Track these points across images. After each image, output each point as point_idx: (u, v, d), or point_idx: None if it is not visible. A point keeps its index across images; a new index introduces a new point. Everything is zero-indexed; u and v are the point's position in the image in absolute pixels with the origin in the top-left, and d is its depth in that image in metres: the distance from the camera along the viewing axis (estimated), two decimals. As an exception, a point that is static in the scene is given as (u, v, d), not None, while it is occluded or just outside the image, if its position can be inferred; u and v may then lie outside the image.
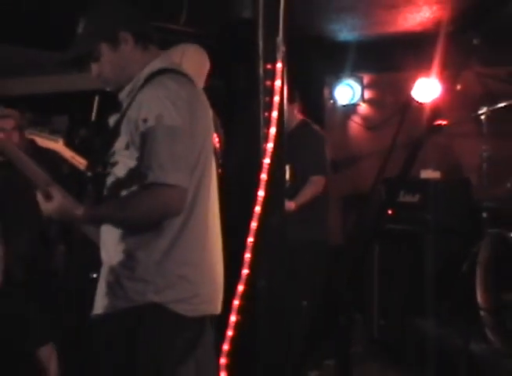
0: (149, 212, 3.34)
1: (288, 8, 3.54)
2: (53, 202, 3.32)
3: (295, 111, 6.90)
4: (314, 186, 6.81)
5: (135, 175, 3.37)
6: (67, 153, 4.72)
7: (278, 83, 3.50)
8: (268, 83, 3.52)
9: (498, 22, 2.43)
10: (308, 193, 6.76)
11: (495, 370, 5.96)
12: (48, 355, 5.84)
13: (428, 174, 7.91)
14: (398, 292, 7.72)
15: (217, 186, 3.70)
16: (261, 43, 3.52)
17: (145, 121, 3.30)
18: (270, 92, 3.51)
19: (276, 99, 3.51)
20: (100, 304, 3.51)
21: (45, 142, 4.85)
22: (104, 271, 3.55)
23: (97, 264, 3.66)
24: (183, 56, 4.96)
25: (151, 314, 3.39)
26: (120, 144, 3.44)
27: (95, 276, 3.71)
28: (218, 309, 3.57)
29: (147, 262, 3.40)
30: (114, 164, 3.48)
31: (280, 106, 3.52)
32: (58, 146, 4.83)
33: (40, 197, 3.36)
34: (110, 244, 3.52)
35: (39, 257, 6.33)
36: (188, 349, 3.60)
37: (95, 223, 3.53)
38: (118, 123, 3.51)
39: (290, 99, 5.03)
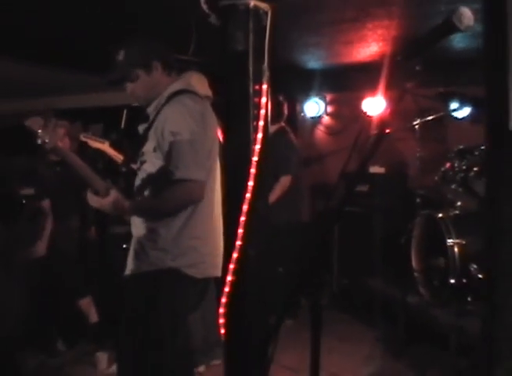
0: (178, 202, 3.42)
1: (271, 42, 3.51)
2: (109, 198, 3.35)
3: (280, 121, 6.99)
4: (281, 184, 6.77)
5: (163, 171, 3.40)
6: (111, 152, 4.72)
7: (264, 100, 3.47)
8: (256, 100, 3.49)
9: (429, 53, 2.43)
10: (277, 191, 6.72)
11: (424, 316, 5.99)
12: (88, 304, 5.88)
13: (375, 169, 7.91)
14: (353, 258, 7.73)
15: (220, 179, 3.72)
16: (251, 69, 3.49)
17: (172, 133, 3.35)
18: (257, 106, 3.48)
19: (262, 112, 3.48)
20: (130, 267, 3.53)
21: (95, 143, 4.85)
22: (133, 242, 3.55)
23: (128, 237, 3.66)
24: (191, 80, 4.98)
25: (168, 276, 3.43)
26: (148, 147, 3.48)
27: (125, 246, 3.71)
28: (219, 272, 3.56)
29: (166, 236, 3.43)
30: (144, 162, 3.51)
31: (265, 117, 3.50)
32: (104, 146, 4.84)
33: (92, 194, 3.41)
34: (138, 221, 3.53)
35: (80, 233, 6.35)
36: (196, 302, 3.60)
37: (137, 214, 3.53)
38: (146, 131, 3.54)
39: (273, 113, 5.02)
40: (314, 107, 9.37)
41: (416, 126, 6.93)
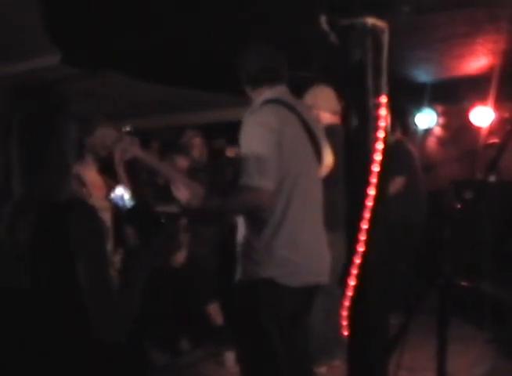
0: (240, 207, 3.35)
1: (388, 58, 3.42)
2: (182, 192, 3.44)
3: (396, 133, 6.95)
4: (394, 183, 6.63)
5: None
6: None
7: (383, 112, 3.37)
8: (375, 112, 3.39)
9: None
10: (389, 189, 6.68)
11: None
12: (215, 309, 5.87)
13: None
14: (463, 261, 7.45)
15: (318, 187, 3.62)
16: (369, 83, 3.39)
17: (241, 144, 3.34)
18: (377, 118, 3.38)
19: (382, 123, 3.37)
20: (235, 275, 3.46)
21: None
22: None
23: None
24: (318, 97, 4.91)
25: (263, 285, 3.30)
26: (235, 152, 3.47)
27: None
28: (319, 279, 3.47)
29: (258, 247, 3.31)
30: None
31: (385, 129, 3.39)
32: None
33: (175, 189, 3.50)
34: (239, 234, 3.44)
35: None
36: (300, 309, 3.51)
37: (206, 210, 3.55)
38: None
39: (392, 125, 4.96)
40: (426, 119, 9.18)
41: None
